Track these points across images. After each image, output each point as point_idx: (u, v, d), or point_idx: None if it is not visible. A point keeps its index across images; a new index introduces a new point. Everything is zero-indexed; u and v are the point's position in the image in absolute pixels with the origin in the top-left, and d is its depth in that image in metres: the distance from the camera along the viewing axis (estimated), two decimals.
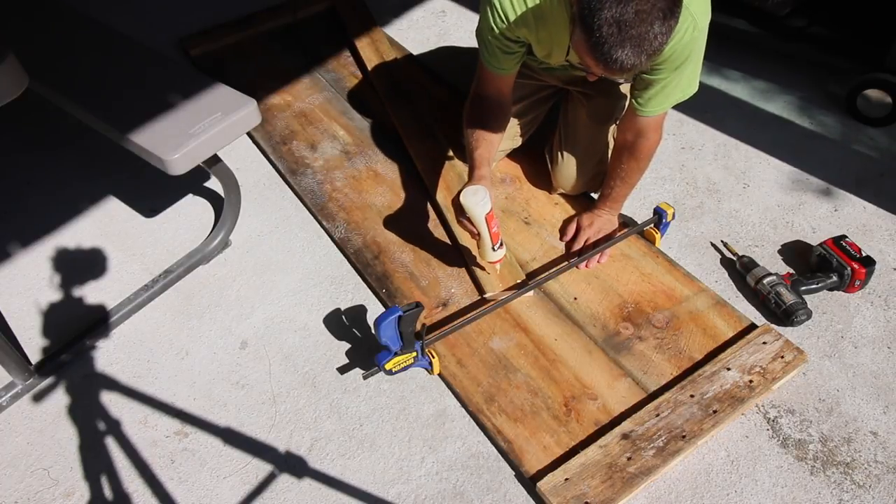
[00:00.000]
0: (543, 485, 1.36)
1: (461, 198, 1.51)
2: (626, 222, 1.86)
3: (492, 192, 1.54)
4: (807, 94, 2.26)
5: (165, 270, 1.82)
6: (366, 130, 2.16)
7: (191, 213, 2.01)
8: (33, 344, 1.71)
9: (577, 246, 1.77)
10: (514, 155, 2.01)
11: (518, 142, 1.95)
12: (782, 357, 1.53)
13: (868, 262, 1.66)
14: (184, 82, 1.75)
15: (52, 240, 1.94)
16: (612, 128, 1.82)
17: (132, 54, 1.88)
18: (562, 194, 1.93)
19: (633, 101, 1.54)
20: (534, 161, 1.99)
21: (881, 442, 1.46)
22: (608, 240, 1.76)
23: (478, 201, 1.50)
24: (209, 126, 1.62)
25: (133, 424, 1.55)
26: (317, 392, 1.59)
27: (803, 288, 1.67)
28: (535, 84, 1.86)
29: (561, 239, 1.82)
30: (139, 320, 1.75)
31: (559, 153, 1.84)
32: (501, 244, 1.60)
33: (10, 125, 2.27)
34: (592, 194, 1.91)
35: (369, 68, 2.32)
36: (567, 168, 1.83)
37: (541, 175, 1.96)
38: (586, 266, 1.75)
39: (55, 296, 1.81)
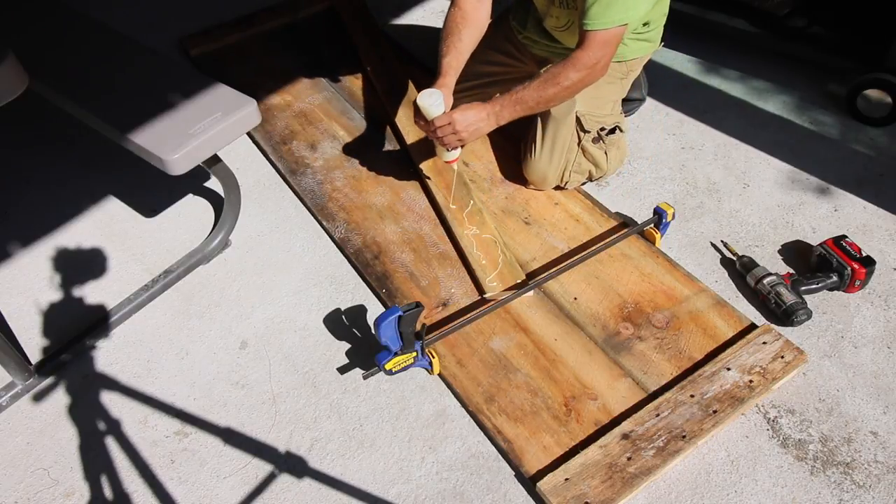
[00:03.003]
0: (543, 485, 1.36)
1: (418, 99, 1.60)
2: (626, 222, 1.86)
3: (449, 100, 1.64)
4: (806, 93, 2.26)
5: (165, 270, 1.82)
6: (366, 130, 2.16)
7: (191, 213, 2.01)
8: (33, 344, 1.71)
9: (431, 126, 1.64)
10: (512, 155, 2.01)
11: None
12: (782, 357, 1.53)
13: (868, 262, 1.66)
14: (184, 82, 1.75)
15: (52, 240, 1.94)
16: (585, 137, 1.83)
17: (132, 54, 1.88)
18: (553, 193, 1.93)
19: (579, 15, 1.57)
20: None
21: (881, 442, 1.46)
22: (456, 136, 1.63)
23: (432, 103, 1.60)
24: (209, 126, 1.62)
25: (133, 424, 1.55)
26: (317, 392, 1.59)
27: (803, 288, 1.67)
28: (510, 66, 1.94)
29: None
30: (139, 320, 1.75)
31: (532, 146, 1.86)
32: (456, 146, 1.70)
33: (10, 125, 2.27)
34: (568, 187, 1.92)
35: (369, 68, 2.32)
36: (537, 162, 1.86)
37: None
38: (442, 143, 1.66)
39: (55, 296, 1.81)
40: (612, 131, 1.86)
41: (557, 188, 1.93)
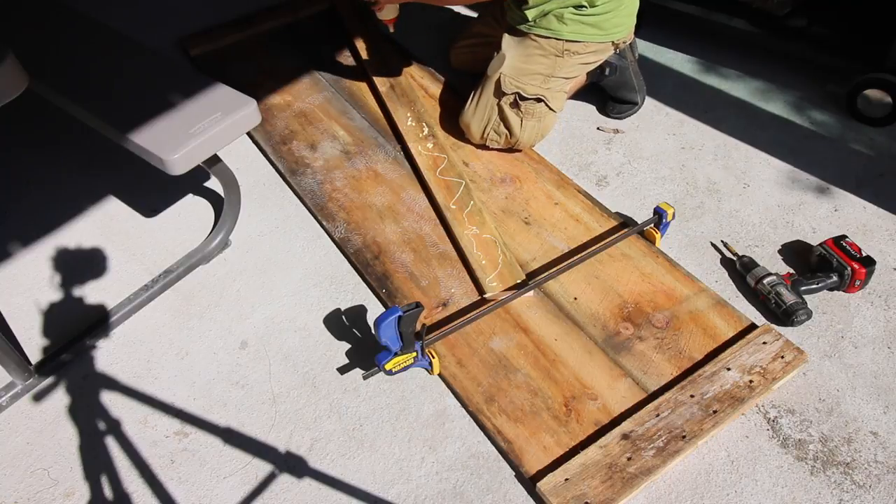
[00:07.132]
0: (543, 485, 1.36)
1: None
2: (626, 222, 1.86)
3: None
4: (806, 93, 2.26)
5: (165, 270, 1.82)
6: (366, 130, 2.16)
7: (191, 213, 2.01)
8: (33, 344, 1.71)
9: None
10: (511, 155, 2.01)
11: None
12: (782, 357, 1.53)
13: (868, 262, 1.66)
14: (184, 82, 1.75)
15: (52, 240, 1.94)
16: (504, 99, 1.93)
17: (132, 54, 1.88)
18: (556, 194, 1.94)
19: None
20: (525, 158, 1.99)
21: (881, 442, 1.46)
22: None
23: None
24: (209, 126, 1.62)
25: (133, 424, 1.55)
26: (317, 392, 1.59)
27: (803, 288, 1.67)
28: (497, 29, 2.06)
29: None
30: (139, 320, 1.75)
31: (469, 100, 2.03)
32: (375, 5, 1.95)
33: (10, 125, 2.27)
34: (489, 146, 2.04)
35: (369, 68, 2.32)
36: (464, 113, 2.02)
37: (535, 173, 1.96)
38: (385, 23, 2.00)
39: (55, 296, 1.81)
40: (537, 102, 1.92)
41: (483, 147, 2.05)
